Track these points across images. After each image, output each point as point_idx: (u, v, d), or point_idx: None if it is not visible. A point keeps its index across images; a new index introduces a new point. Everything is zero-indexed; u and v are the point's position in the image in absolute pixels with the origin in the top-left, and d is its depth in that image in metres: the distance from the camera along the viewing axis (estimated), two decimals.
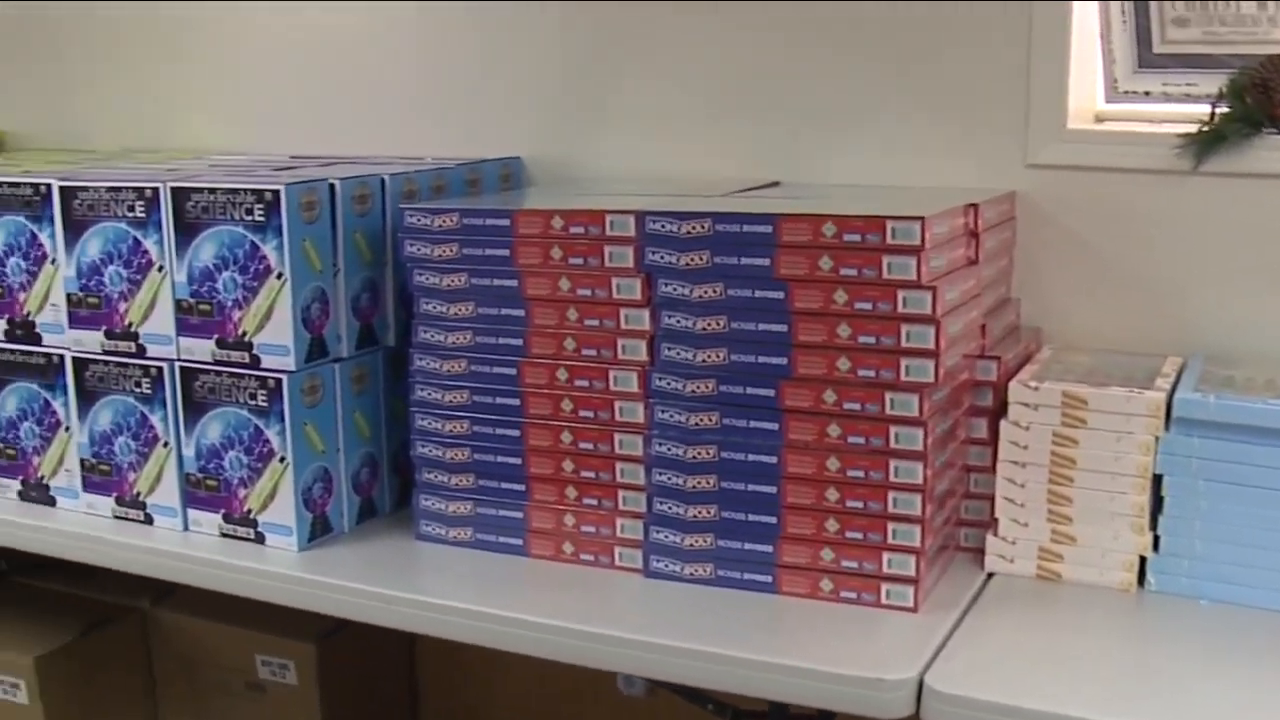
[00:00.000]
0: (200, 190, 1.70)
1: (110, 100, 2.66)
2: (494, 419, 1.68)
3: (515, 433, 1.67)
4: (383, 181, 1.81)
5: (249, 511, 1.74)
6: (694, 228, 1.52)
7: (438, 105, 2.27)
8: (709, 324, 1.53)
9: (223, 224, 1.69)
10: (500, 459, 1.68)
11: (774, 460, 1.52)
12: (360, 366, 1.80)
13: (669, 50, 2.06)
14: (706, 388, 1.54)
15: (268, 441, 1.71)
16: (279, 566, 1.69)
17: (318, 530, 1.75)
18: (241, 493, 1.74)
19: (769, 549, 1.54)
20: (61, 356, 1.87)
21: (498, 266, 1.64)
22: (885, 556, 1.49)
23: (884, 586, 1.50)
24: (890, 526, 1.49)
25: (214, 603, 1.77)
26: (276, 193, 1.65)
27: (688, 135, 2.07)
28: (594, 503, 1.64)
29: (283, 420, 1.69)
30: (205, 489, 1.78)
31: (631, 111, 2.10)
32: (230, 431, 1.73)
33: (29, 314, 1.89)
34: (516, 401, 1.66)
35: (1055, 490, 1.56)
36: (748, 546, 1.54)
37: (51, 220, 1.83)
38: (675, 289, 1.54)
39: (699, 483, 1.56)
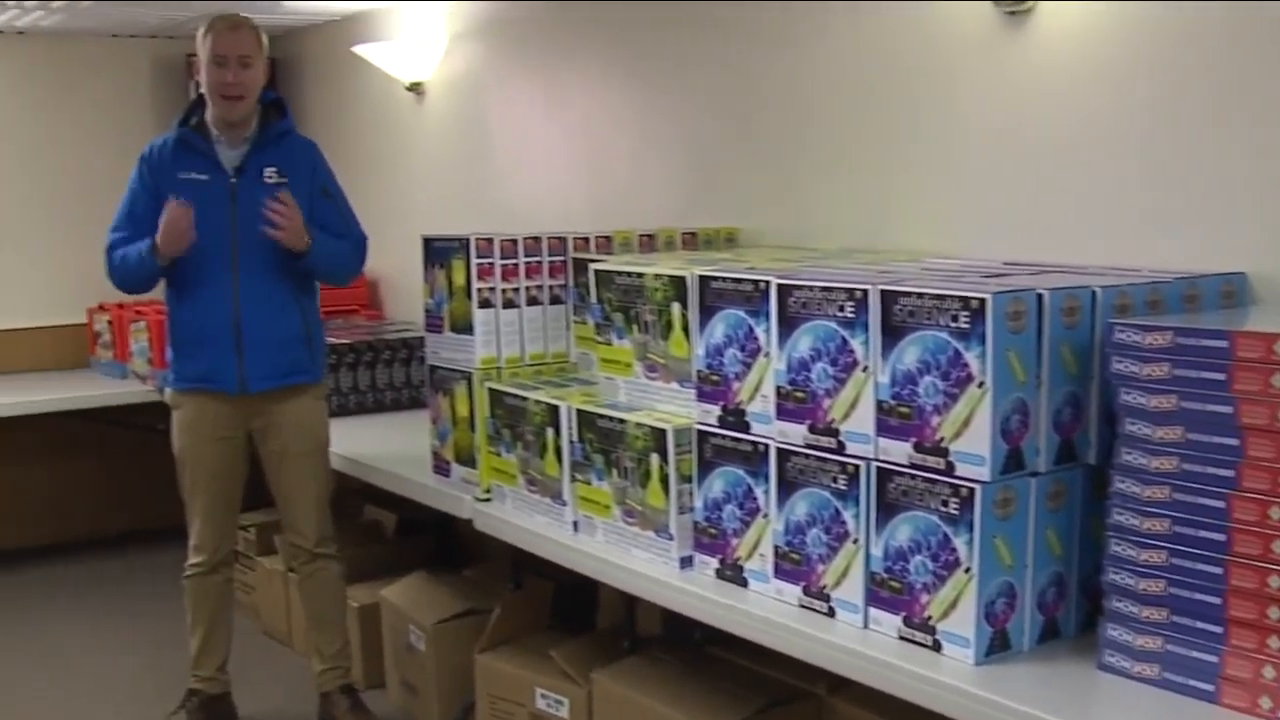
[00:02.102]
0: (908, 294, 1.72)
1: (834, 201, 2.76)
2: (1195, 553, 1.58)
3: (1217, 570, 1.56)
4: (1093, 294, 1.76)
5: (929, 618, 1.73)
6: None
7: (1157, 214, 2.17)
8: None
9: (928, 329, 1.70)
10: (1198, 596, 1.58)
11: None
12: (1058, 483, 1.74)
13: None
14: None
15: (955, 550, 1.69)
16: (953, 679, 1.67)
17: (996, 645, 1.71)
18: (924, 598, 1.74)
19: None
20: (767, 446, 1.95)
21: (1211, 391, 1.55)
22: None
23: None
24: None
25: (888, 701, 1.77)
26: (983, 300, 1.64)
27: None
28: None
29: (972, 530, 1.67)
30: (888, 590, 1.78)
31: None
32: (918, 535, 1.73)
33: (741, 403, 1.99)
34: (1222, 537, 1.55)
35: None
36: None
37: (767, 315, 1.92)
38: None
39: None
